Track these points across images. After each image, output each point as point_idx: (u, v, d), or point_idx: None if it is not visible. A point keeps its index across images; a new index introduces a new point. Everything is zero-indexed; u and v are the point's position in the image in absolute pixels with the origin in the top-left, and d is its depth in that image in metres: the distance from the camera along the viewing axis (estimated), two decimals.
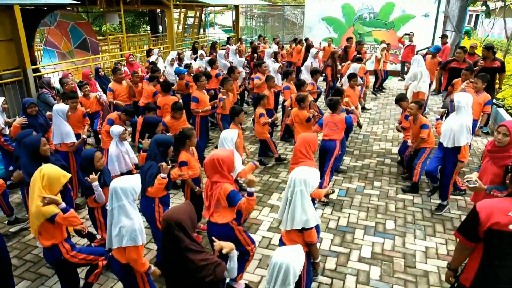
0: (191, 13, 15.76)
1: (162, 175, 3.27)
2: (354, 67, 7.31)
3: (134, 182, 2.53)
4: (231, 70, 7.08)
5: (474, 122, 5.03)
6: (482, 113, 5.39)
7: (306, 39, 11.56)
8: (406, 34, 11.06)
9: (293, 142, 5.88)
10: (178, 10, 14.52)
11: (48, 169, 2.78)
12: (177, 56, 8.41)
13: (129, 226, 2.46)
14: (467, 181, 2.96)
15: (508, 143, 3.00)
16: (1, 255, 3.09)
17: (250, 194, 2.89)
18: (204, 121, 6.04)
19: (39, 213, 2.70)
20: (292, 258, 1.91)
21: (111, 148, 4.22)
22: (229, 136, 3.62)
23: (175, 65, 7.97)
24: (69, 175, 2.87)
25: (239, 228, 3.16)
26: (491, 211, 2.10)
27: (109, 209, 2.50)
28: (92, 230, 3.90)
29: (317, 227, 3.23)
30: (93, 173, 3.20)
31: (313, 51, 8.91)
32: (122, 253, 2.56)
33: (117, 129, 4.23)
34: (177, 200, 4.98)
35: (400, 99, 5.35)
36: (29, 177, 2.98)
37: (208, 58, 8.36)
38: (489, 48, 6.49)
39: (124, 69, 7.21)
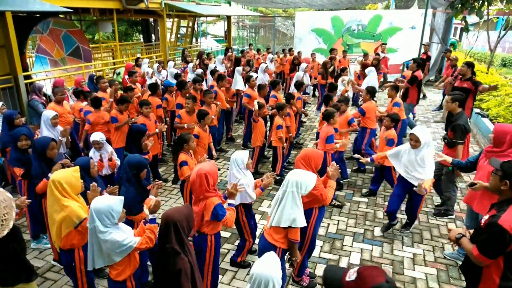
0: (183, 22, 15.88)
1: (146, 212, 2.91)
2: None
3: (112, 202, 2.39)
4: (220, 78, 6.94)
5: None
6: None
7: (295, 57, 10.91)
8: (383, 44, 11.31)
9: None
10: (171, 20, 14.63)
11: (58, 175, 2.75)
12: (160, 67, 8.24)
13: (109, 246, 2.41)
14: (468, 185, 3.10)
15: (504, 145, 3.18)
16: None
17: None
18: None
19: (68, 219, 2.68)
20: (272, 269, 1.85)
21: (91, 154, 4.35)
22: (239, 158, 3.40)
23: (153, 79, 7.63)
24: (77, 167, 2.88)
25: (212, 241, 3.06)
26: None
27: (90, 227, 2.41)
28: None
29: (315, 229, 3.31)
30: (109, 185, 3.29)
31: (303, 65, 8.91)
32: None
33: (95, 136, 4.29)
34: (179, 205, 4.98)
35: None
36: (37, 177, 3.43)
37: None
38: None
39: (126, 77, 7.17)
